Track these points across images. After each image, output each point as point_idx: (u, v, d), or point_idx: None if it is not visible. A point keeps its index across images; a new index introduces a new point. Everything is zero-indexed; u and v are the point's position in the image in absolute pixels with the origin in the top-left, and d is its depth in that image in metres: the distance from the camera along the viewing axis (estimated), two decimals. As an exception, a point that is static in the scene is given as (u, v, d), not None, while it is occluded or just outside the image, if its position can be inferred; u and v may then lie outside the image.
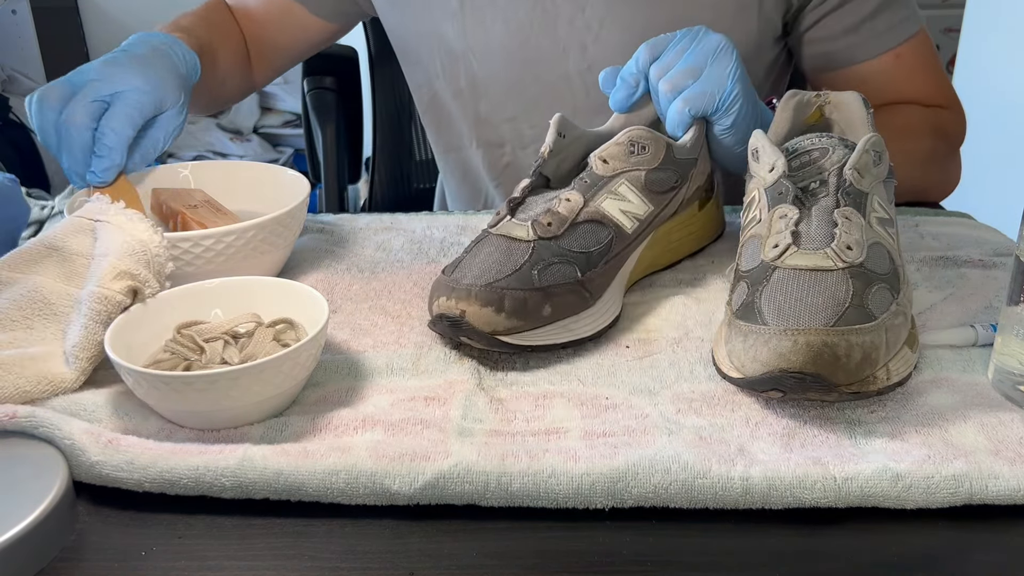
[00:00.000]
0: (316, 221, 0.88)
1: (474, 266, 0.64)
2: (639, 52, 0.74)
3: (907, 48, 0.92)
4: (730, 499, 0.52)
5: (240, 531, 0.52)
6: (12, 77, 2.70)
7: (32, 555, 0.49)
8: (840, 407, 0.58)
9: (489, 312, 0.61)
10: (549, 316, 0.64)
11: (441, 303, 0.63)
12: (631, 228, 0.69)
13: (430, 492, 0.52)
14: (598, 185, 0.68)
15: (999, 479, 0.52)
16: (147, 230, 0.65)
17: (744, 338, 0.57)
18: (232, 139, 2.88)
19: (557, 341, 0.64)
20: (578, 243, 0.66)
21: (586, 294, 0.66)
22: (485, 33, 0.96)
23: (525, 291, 0.62)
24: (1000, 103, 1.90)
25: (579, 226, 0.66)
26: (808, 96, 0.74)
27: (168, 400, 0.56)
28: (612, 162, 0.68)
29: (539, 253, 0.64)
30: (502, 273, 0.63)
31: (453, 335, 0.64)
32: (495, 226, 0.67)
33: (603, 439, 0.55)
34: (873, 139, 0.64)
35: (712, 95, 0.72)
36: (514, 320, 0.62)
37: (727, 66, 0.72)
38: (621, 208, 0.68)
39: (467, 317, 0.61)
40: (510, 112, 1.00)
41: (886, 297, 0.58)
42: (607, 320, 0.67)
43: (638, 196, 0.69)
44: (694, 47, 0.72)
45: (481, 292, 0.62)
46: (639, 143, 0.69)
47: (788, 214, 0.61)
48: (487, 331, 0.62)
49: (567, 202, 0.67)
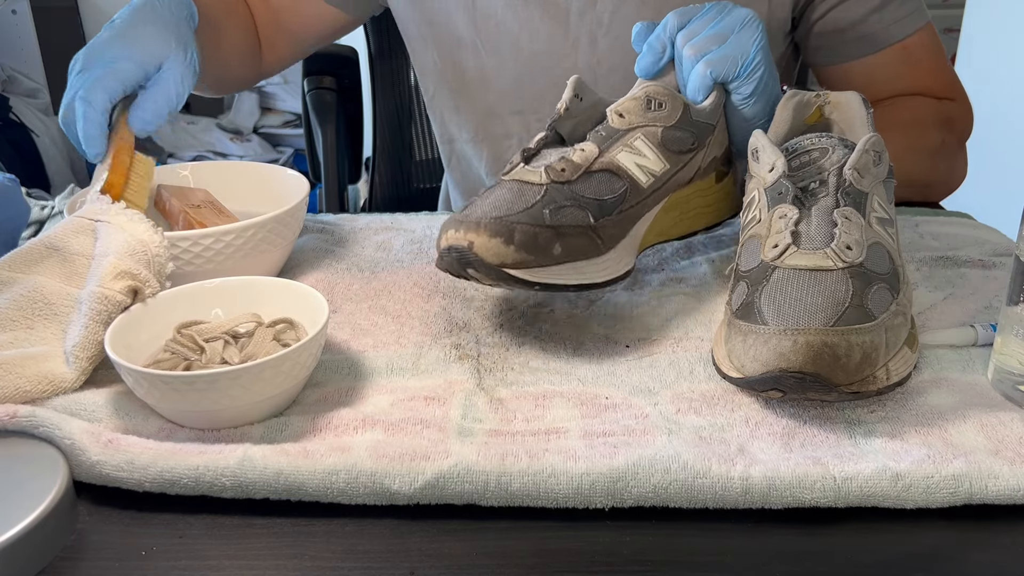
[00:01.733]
0: (316, 221, 0.88)
1: (485, 204, 0.63)
2: (667, 19, 0.75)
3: (915, 40, 0.92)
4: (730, 499, 0.52)
5: (240, 531, 0.52)
6: (12, 77, 2.70)
7: (32, 555, 0.49)
8: (840, 407, 0.58)
9: (498, 243, 0.60)
10: (560, 256, 0.62)
11: (449, 235, 0.61)
12: (646, 183, 0.68)
13: (430, 492, 0.52)
14: (613, 137, 0.67)
15: (999, 479, 0.52)
16: (147, 230, 0.65)
17: (744, 338, 0.57)
18: (232, 139, 2.88)
19: (568, 282, 0.63)
20: (592, 190, 0.65)
21: (598, 241, 0.64)
22: (496, 25, 0.96)
23: (536, 226, 0.61)
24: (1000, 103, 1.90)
25: (593, 175, 0.66)
26: (808, 96, 0.74)
27: (168, 400, 0.56)
28: (628, 116, 0.68)
29: (551, 195, 0.63)
30: (513, 209, 0.62)
31: (460, 269, 0.62)
32: (508, 173, 0.66)
33: (603, 439, 0.55)
34: (873, 139, 0.64)
35: (735, 59, 0.72)
36: (523, 253, 0.61)
37: (753, 35, 0.72)
38: (636, 162, 0.67)
39: (475, 248, 0.60)
40: (517, 105, 1.00)
41: (886, 297, 0.58)
42: (620, 270, 0.66)
43: (654, 152, 0.68)
44: (722, 17, 0.73)
45: (491, 224, 0.61)
46: (656, 99, 0.69)
47: (788, 214, 0.61)
48: (495, 263, 0.60)
49: (581, 152, 0.66)
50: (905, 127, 0.74)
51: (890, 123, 0.75)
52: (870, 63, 0.93)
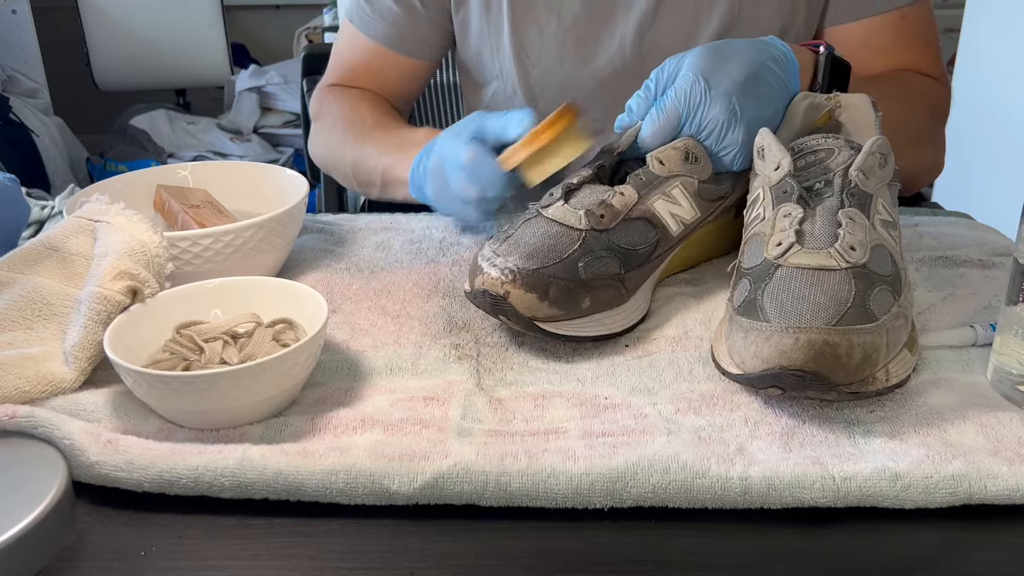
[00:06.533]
0: (316, 221, 0.88)
1: (523, 245, 0.64)
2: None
3: (913, 11, 0.95)
4: (729, 499, 0.52)
5: (240, 531, 0.52)
6: (12, 77, 2.71)
7: (32, 555, 0.49)
8: (839, 407, 0.58)
9: (533, 298, 0.62)
10: (587, 309, 0.64)
11: (486, 278, 0.63)
12: (676, 232, 0.70)
13: (429, 492, 0.52)
14: (653, 184, 0.69)
15: (998, 479, 0.52)
16: (147, 231, 0.65)
17: (745, 334, 0.57)
18: (232, 139, 2.88)
19: (589, 334, 0.65)
20: (627, 239, 0.67)
21: (623, 290, 0.66)
22: (539, 33, 0.96)
23: (570, 281, 0.63)
24: (1000, 103, 1.90)
25: (631, 223, 0.67)
26: (819, 99, 0.74)
27: (168, 400, 0.56)
28: (668, 164, 0.70)
29: (589, 244, 0.65)
30: (550, 260, 0.63)
31: (491, 311, 0.64)
32: (547, 207, 0.67)
33: (602, 439, 0.55)
34: (879, 142, 0.64)
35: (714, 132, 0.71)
36: (555, 309, 0.63)
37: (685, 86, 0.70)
38: (671, 211, 0.69)
39: (510, 299, 0.62)
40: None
41: (888, 299, 0.58)
42: (636, 317, 0.68)
43: (689, 201, 0.70)
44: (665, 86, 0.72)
45: (528, 276, 0.62)
46: (693, 153, 0.70)
47: (792, 213, 0.61)
48: (527, 315, 0.62)
49: (621, 196, 0.67)
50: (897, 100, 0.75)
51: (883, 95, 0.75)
52: (868, 28, 0.95)
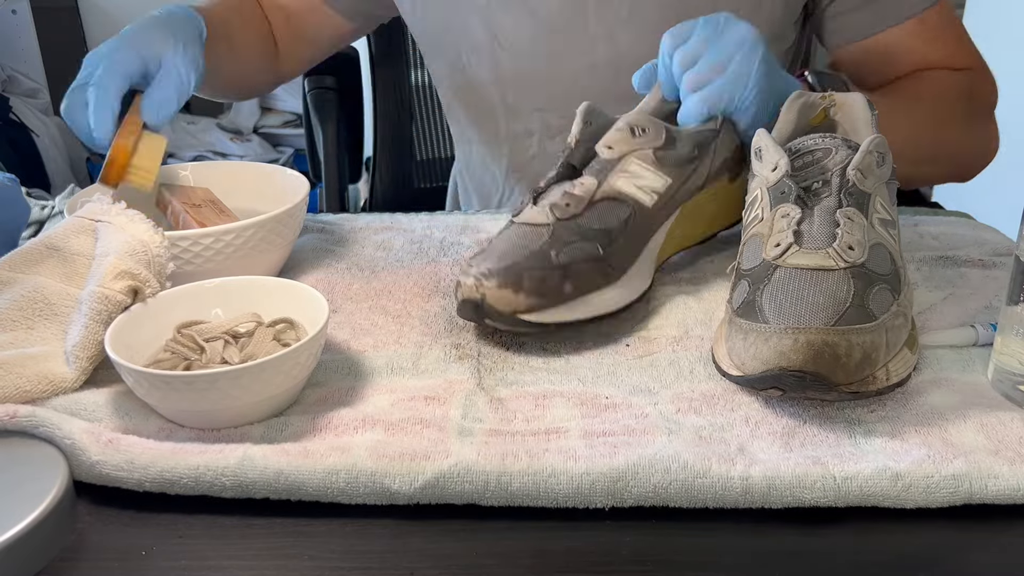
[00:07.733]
0: (316, 221, 0.88)
1: (496, 250, 0.65)
2: (663, 46, 0.74)
3: (932, 13, 0.92)
4: (730, 499, 0.52)
5: (240, 531, 0.52)
6: (12, 77, 2.71)
7: (32, 555, 0.49)
8: (840, 407, 0.58)
9: (508, 293, 0.63)
10: (571, 293, 0.64)
11: (464, 289, 0.64)
12: (651, 202, 0.69)
13: (430, 492, 0.52)
14: (608, 168, 0.69)
15: (999, 479, 0.52)
16: (148, 230, 0.65)
17: (745, 336, 0.57)
18: (232, 139, 2.88)
19: (580, 317, 0.65)
20: (598, 221, 0.67)
21: (609, 269, 0.66)
22: (513, 25, 0.96)
23: (544, 269, 0.64)
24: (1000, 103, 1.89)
25: (597, 204, 0.67)
26: (813, 98, 0.74)
27: (168, 400, 0.56)
28: (617, 147, 0.69)
29: (558, 234, 0.65)
30: (521, 255, 0.64)
31: (478, 319, 0.65)
32: (518, 215, 0.68)
33: (603, 439, 0.55)
34: (877, 140, 0.64)
35: (731, 95, 0.72)
36: (533, 298, 0.63)
37: (752, 64, 0.71)
38: (636, 184, 0.68)
39: (487, 300, 0.62)
40: (538, 102, 1.00)
41: (887, 298, 0.58)
42: (633, 295, 0.68)
43: (651, 171, 0.69)
44: (719, 37, 0.72)
45: (500, 273, 0.63)
46: (638, 127, 0.70)
47: (790, 213, 0.61)
48: (508, 311, 0.63)
49: (581, 185, 0.68)
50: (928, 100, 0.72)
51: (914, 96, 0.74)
52: (888, 39, 0.92)
